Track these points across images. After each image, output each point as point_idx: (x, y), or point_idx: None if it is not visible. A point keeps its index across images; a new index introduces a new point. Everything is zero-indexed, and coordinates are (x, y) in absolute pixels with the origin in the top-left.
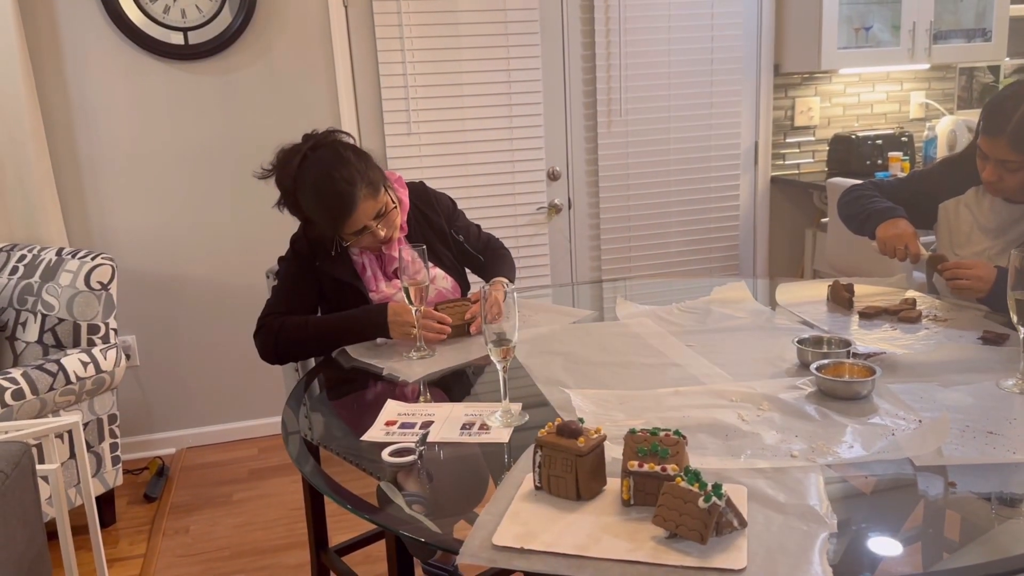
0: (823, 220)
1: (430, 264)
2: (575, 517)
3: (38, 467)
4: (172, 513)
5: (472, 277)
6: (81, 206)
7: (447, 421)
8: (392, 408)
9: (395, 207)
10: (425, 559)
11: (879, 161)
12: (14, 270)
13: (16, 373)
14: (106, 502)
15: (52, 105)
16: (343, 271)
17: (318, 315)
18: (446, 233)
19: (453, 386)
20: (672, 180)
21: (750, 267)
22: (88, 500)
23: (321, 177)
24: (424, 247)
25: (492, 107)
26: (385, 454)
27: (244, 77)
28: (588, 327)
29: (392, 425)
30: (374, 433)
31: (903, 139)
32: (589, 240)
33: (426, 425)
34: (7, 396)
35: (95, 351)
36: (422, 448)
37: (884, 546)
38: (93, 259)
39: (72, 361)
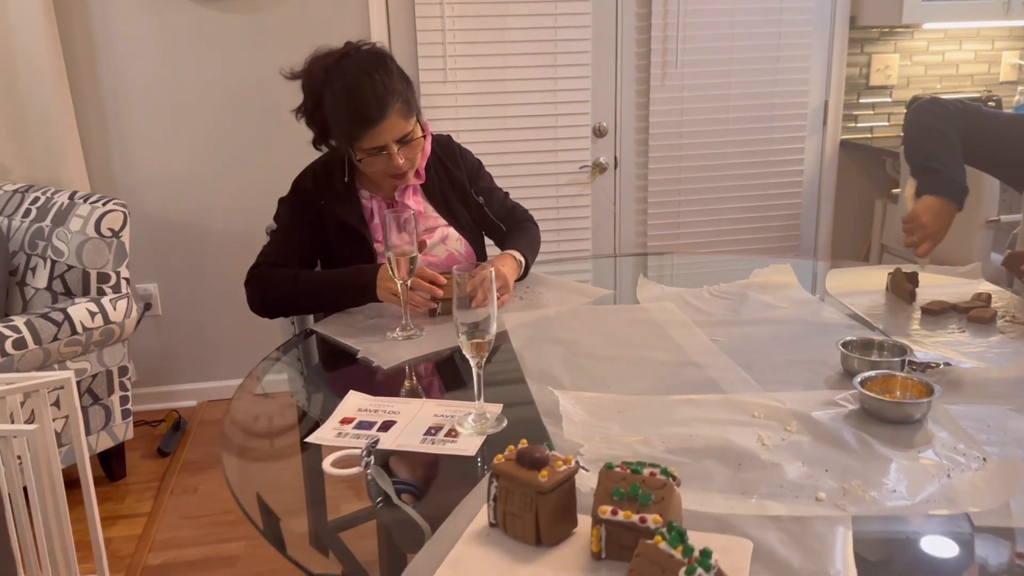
0: (895, 191)
1: (444, 223)
2: (529, 570)
3: (24, 427)
4: (183, 470)
5: (493, 251)
6: (104, 149)
7: (411, 423)
8: (352, 402)
9: (422, 138)
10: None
11: None
12: (27, 213)
13: (19, 321)
14: (116, 456)
15: (74, 42)
16: (349, 213)
17: (311, 270)
18: (467, 192)
19: (441, 375)
20: (729, 141)
21: (811, 241)
22: (80, 459)
23: (358, 74)
24: (413, 213)
25: (536, 55)
26: (327, 463)
27: (274, 16)
28: (601, 311)
29: (347, 424)
30: (323, 434)
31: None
32: (635, 204)
33: (386, 426)
34: (8, 345)
35: (104, 301)
36: (368, 459)
37: None
38: (105, 204)
39: (79, 311)
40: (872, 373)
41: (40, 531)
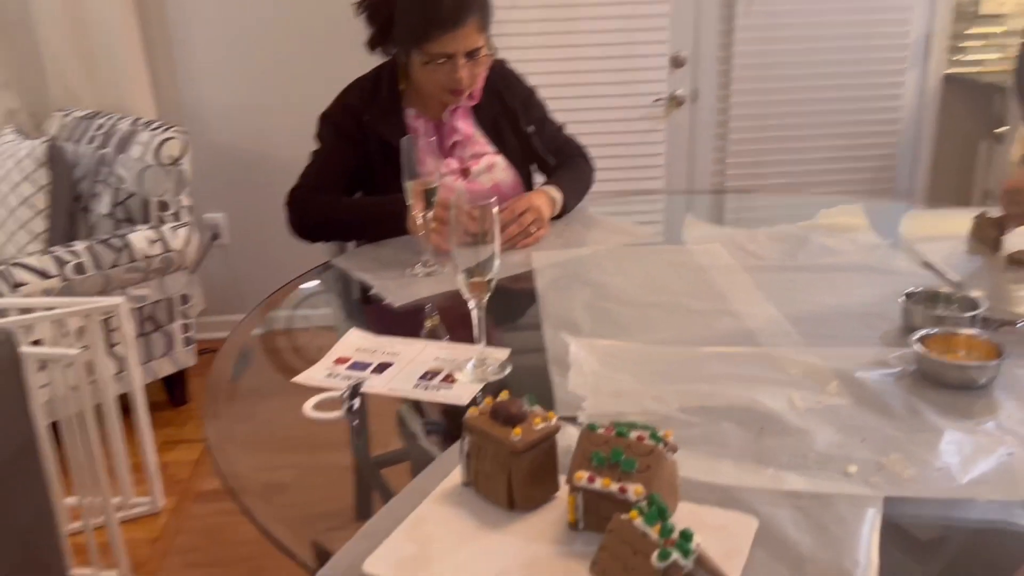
0: (1000, 130)
1: (492, 151)
2: (496, 539)
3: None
4: (245, 398)
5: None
6: (171, 77)
7: (409, 366)
8: (352, 340)
9: (489, 56)
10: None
11: None
12: (92, 139)
13: (80, 247)
14: (179, 382)
15: None
16: (392, 131)
17: (348, 198)
18: (518, 120)
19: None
20: (820, 74)
21: (907, 184)
22: (134, 384)
23: None
24: (434, 140)
25: None
26: (308, 406)
27: None
28: (641, 252)
29: (342, 364)
30: (313, 374)
31: None
32: (714, 141)
33: (381, 368)
34: (68, 269)
35: (164, 229)
36: (351, 403)
37: None
38: (164, 132)
39: (139, 238)
40: (933, 330)
41: (92, 453)
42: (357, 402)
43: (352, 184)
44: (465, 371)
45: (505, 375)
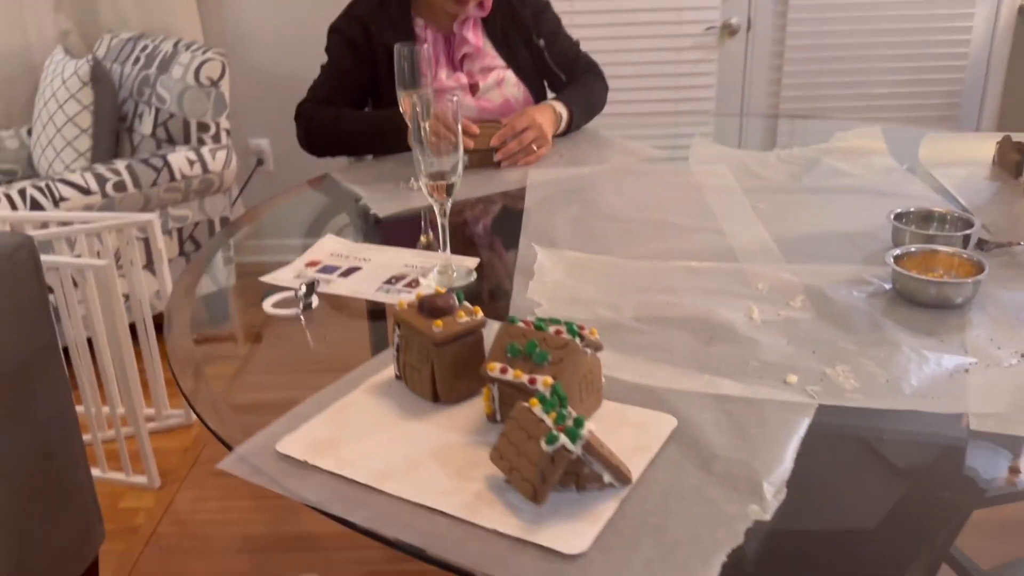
0: None
1: (502, 65)
2: (413, 428)
3: (96, 260)
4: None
5: None
6: (219, 1)
7: (377, 271)
8: (325, 245)
9: None
10: None
11: None
12: (136, 60)
13: (120, 165)
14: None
15: None
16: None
17: (352, 111)
18: (530, 34)
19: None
20: (884, 2)
21: (973, 117)
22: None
23: None
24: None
25: None
26: (268, 304)
27: None
28: (642, 171)
29: (312, 267)
30: (282, 274)
31: None
32: (769, 72)
33: (349, 272)
34: (108, 187)
35: (204, 150)
36: (307, 301)
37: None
38: (204, 53)
39: (178, 158)
40: (912, 248)
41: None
42: (315, 300)
43: (362, 98)
44: (429, 277)
45: (470, 283)
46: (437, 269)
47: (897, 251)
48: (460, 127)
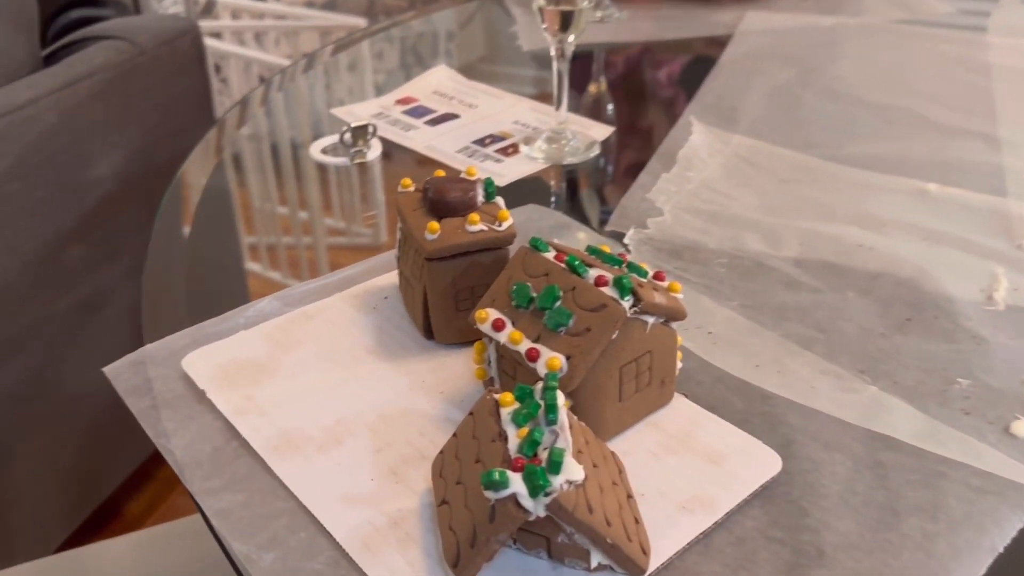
0: None
1: None
2: (375, 373)
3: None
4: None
5: None
6: None
7: (474, 123)
8: (432, 79)
9: None
10: None
11: None
12: None
13: None
14: None
15: None
16: None
17: None
18: None
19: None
20: None
21: None
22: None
23: None
24: None
25: None
26: (315, 149)
27: None
28: (912, 34)
29: (401, 105)
30: (365, 109)
31: None
32: None
33: (441, 120)
34: None
35: None
36: (356, 150)
37: None
38: None
39: None
40: None
41: None
42: (370, 151)
43: None
44: (535, 144)
45: (587, 159)
46: (546, 135)
47: None
48: None
